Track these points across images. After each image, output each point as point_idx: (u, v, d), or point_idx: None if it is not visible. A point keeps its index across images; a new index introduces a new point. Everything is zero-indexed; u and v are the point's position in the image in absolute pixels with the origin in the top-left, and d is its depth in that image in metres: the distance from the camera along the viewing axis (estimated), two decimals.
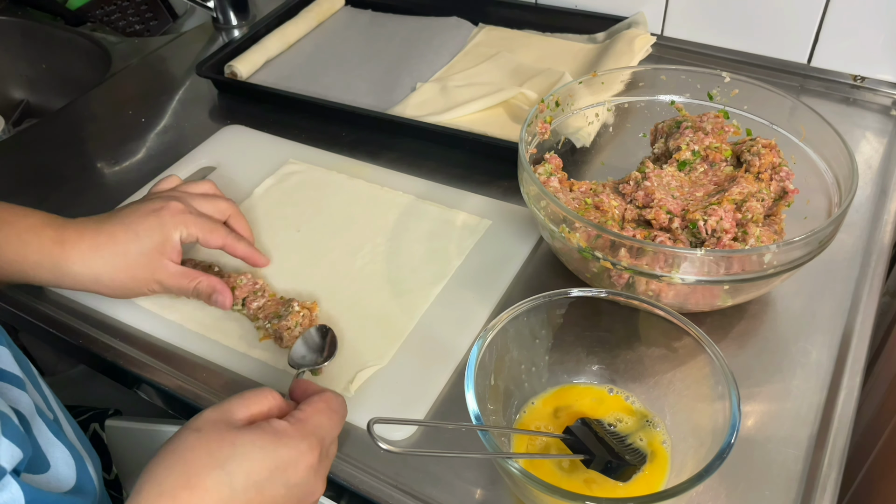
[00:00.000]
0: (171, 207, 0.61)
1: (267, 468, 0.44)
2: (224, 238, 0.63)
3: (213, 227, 0.62)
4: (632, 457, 0.51)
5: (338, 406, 0.49)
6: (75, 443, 0.54)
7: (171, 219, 0.60)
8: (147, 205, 0.61)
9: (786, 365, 0.60)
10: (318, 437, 0.46)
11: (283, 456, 0.44)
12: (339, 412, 0.49)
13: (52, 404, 0.55)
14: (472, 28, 1.05)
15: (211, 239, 0.62)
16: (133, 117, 0.96)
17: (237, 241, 0.64)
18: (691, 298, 0.60)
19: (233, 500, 0.42)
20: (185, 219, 0.61)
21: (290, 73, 0.98)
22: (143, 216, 0.60)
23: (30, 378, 0.53)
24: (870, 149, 0.80)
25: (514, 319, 0.53)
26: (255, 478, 0.43)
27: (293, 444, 0.45)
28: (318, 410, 0.48)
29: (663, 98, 0.75)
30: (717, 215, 0.60)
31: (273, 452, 0.44)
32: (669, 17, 0.97)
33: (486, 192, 0.78)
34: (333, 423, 0.48)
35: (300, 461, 0.45)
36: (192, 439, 0.44)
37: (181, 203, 0.62)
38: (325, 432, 0.47)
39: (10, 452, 0.42)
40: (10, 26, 1.24)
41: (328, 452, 0.48)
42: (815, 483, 0.52)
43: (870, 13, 0.84)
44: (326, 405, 0.48)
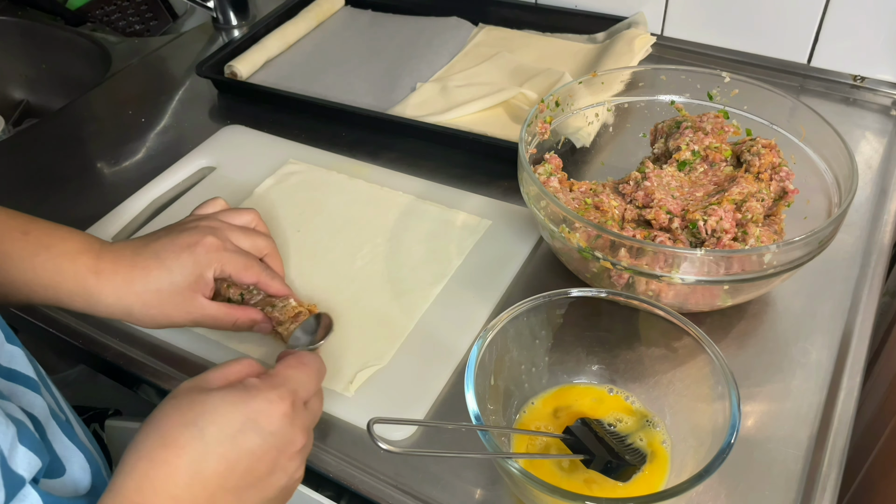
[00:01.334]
0: (206, 244, 0.59)
1: (238, 420, 0.44)
2: (258, 276, 0.62)
3: (247, 265, 0.61)
4: (632, 457, 0.51)
5: (309, 360, 0.50)
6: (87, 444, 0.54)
7: (205, 256, 0.59)
8: (183, 237, 0.60)
9: (786, 365, 0.60)
10: (289, 387, 0.47)
11: (254, 407, 0.45)
12: (312, 365, 0.49)
13: (62, 406, 0.55)
14: (472, 28, 1.05)
15: (245, 277, 0.61)
16: (133, 117, 0.96)
17: (271, 280, 0.63)
18: (691, 298, 0.60)
19: (207, 454, 0.43)
20: (219, 256, 0.60)
21: (289, 74, 0.98)
22: (178, 252, 0.59)
23: (41, 379, 0.53)
24: (870, 149, 0.80)
25: (514, 319, 0.53)
26: (227, 430, 0.44)
27: (263, 395, 0.45)
28: (288, 365, 0.49)
29: (663, 98, 0.75)
30: (716, 215, 0.60)
31: (243, 405, 0.45)
32: (669, 17, 0.97)
33: (486, 192, 0.78)
34: (305, 375, 0.48)
35: (272, 410, 0.45)
36: (167, 406, 0.45)
37: (217, 238, 0.60)
38: (297, 383, 0.47)
39: (28, 460, 0.42)
40: (10, 26, 1.24)
41: (307, 405, 0.49)
42: (815, 483, 0.52)
43: (870, 13, 0.84)
44: (297, 360, 0.49)
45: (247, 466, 0.44)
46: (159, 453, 0.43)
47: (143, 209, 0.80)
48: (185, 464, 0.42)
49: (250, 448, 0.44)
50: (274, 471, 0.46)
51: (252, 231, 0.65)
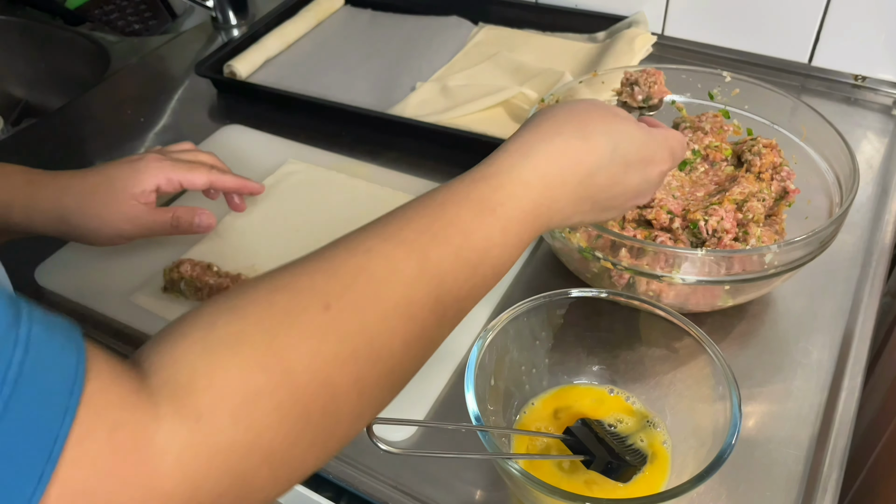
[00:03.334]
0: (147, 157, 0.61)
1: (637, 154, 0.47)
2: (208, 174, 0.62)
3: (192, 167, 0.62)
4: (632, 457, 0.51)
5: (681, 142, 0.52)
6: None
7: (146, 166, 0.60)
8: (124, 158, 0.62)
9: (787, 365, 0.60)
10: (672, 152, 0.50)
11: (652, 150, 0.48)
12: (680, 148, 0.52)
13: None
14: (472, 27, 1.05)
15: (194, 177, 0.61)
16: (132, 117, 0.96)
17: (223, 174, 0.63)
18: (692, 299, 0.60)
19: (608, 166, 0.45)
20: (161, 165, 0.60)
21: (289, 73, 0.98)
22: (119, 165, 0.60)
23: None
24: (871, 148, 0.80)
25: (514, 320, 0.53)
26: (626, 156, 0.46)
27: (658, 144, 0.49)
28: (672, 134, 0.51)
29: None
30: (717, 215, 0.60)
31: (646, 143, 0.48)
32: (670, 16, 0.97)
33: None
34: (678, 151, 0.51)
35: (660, 163, 0.49)
36: (585, 105, 0.48)
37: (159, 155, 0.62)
38: (677, 151, 0.51)
39: None
40: (9, 26, 1.24)
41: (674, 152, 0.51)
42: (816, 484, 0.52)
43: (870, 13, 0.84)
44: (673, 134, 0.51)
45: (629, 150, 0.47)
46: (576, 143, 0.45)
47: None
48: (588, 163, 0.45)
49: (628, 181, 0.47)
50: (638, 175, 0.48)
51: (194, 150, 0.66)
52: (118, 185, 0.58)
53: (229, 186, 0.64)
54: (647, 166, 0.48)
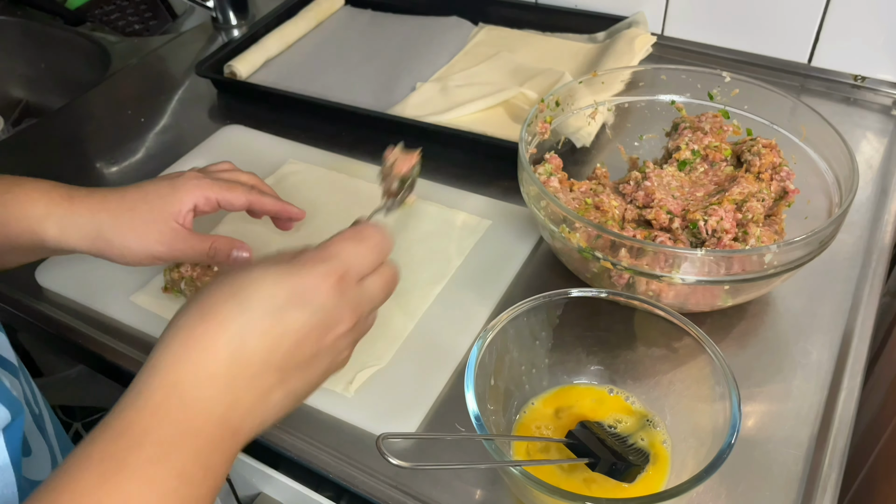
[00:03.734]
0: (186, 175, 0.60)
1: (282, 294, 0.40)
2: (247, 195, 0.59)
3: (231, 186, 0.60)
4: (635, 457, 0.51)
5: (370, 234, 0.45)
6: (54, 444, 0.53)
7: (184, 184, 0.58)
8: (162, 176, 0.61)
9: (786, 365, 0.60)
10: (340, 260, 0.42)
11: (299, 280, 0.41)
12: (371, 239, 0.45)
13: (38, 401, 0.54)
14: (472, 28, 1.05)
15: (233, 198, 0.59)
16: (132, 117, 0.96)
17: (263, 196, 0.60)
18: (691, 298, 0.60)
19: (249, 329, 0.39)
20: (200, 183, 0.59)
21: (289, 73, 0.98)
22: (157, 182, 0.59)
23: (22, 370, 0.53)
24: (870, 149, 0.80)
25: (514, 320, 0.53)
26: (270, 303, 0.40)
27: (310, 268, 0.41)
28: (342, 238, 0.44)
29: (663, 98, 0.74)
30: (717, 215, 0.60)
31: (288, 277, 0.41)
32: (670, 16, 0.97)
33: (486, 192, 0.78)
34: (361, 250, 0.44)
35: (320, 284, 0.41)
36: (211, 283, 0.42)
37: (198, 173, 0.60)
38: (350, 257, 0.43)
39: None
40: (10, 26, 1.24)
41: (362, 283, 0.44)
42: (816, 484, 0.52)
43: (870, 13, 0.84)
44: (354, 233, 0.44)
45: (291, 344, 0.40)
46: (199, 327, 0.39)
47: None
48: (226, 339, 0.39)
49: (295, 325, 0.40)
50: (319, 351, 0.42)
51: (234, 170, 0.64)
52: (156, 203, 0.57)
53: (269, 209, 0.61)
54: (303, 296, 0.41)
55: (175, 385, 0.38)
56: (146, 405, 0.37)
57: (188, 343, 0.39)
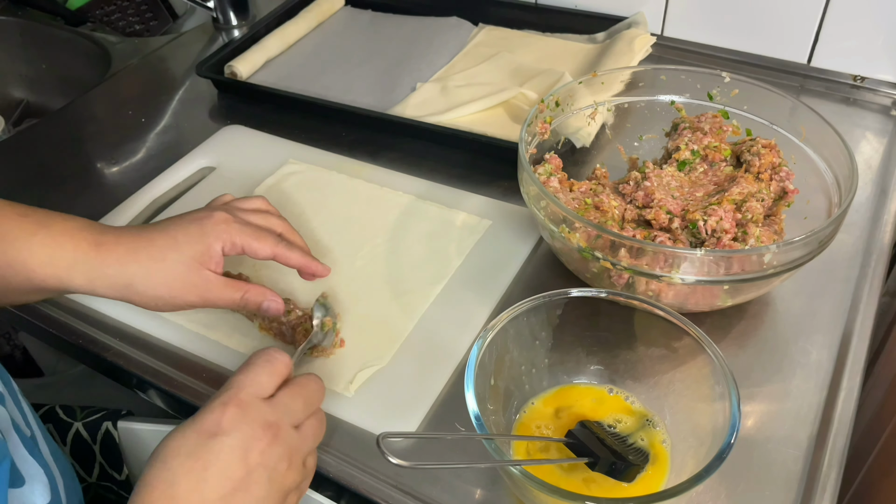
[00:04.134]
0: (215, 217, 0.57)
1: (191, 437, 0.44)
2: (274, 247, 0.58)
3: (259, 236, 0.58)
4: (635, 457, 0.51)
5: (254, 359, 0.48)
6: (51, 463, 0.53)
7: (213, 228, 0.57)
8: (191, 214, 0.59)
9: (786, 365, 0.60)
10: (233, 388, 0.46)
11: (200, 421, 0.44)
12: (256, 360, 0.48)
13: (30, 421, 0.54)
14: (472, 28, 1.05)
15: (259, 248, 0.58)
16: (133, 117, 0.96)
17: (289, 250, 0.59)
18: (691, 298, 0.60)
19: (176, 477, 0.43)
20: (229, 228, 0.57)
21: (290, 73, 0.98)
22: (185, 225, 0.57)
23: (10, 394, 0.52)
24: (870, 149, 0.80)
25: (514, 319, 0.53)
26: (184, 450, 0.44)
27: (207, 408, 0.45)
28: (235, 372, 0.48)
29: (663, 98, 0.75)
30: (717, 215, 0.60)
31: (191, 423, 0.44)
32: (669, 17, 0.97)
33: (486, 192, 0.78)
34: (252, 374, 0.47)
35: (218, 416, 0.44)
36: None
37: (228, 214, 0.58)
38: (242, 385, 0.46)
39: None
40: (10, 26, 1.24)
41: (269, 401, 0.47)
42: (815, 483, 0.52)
43: (870, 13, 0.84)
44: (245, 363, 0.48)
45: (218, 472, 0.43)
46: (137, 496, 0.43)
47: (143, 209, 0.80)
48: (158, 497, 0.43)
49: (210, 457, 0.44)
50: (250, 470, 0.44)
51: (264, 212, 0.62)
52: (186, 252, 0.55)
53: (293, 264, 0.61)
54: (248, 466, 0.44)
55: None
56: None
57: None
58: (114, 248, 0.55)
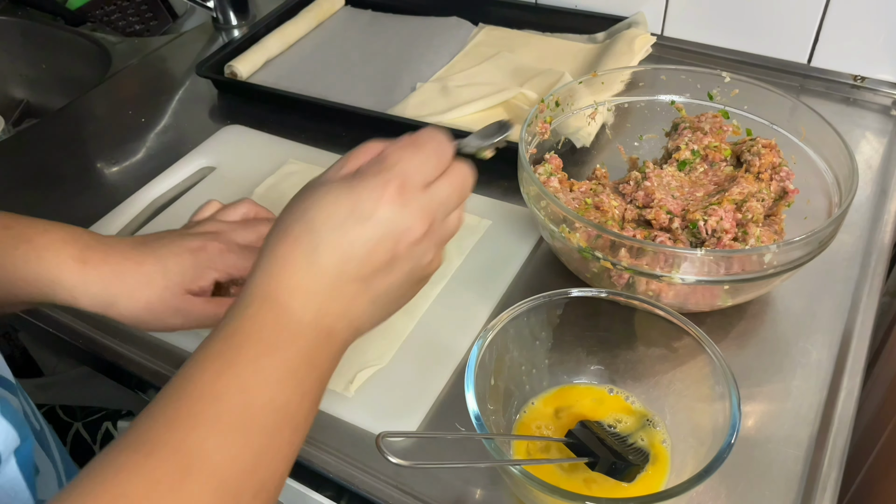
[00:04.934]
0: (210, 249, 0.56)
1: (343, 209, 0.42)
2: None
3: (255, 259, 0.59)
4: (635, 457, 0.51)
5: (425, 140, 0.45)
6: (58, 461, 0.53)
7: (207, 260, 0.56)
8: (186, 241, 0.56)
9: (786, 365, 0.60)
10: (397, 170, 0.43)
11: (356, 195, 0.43)
12: (428, 145, 0.45)
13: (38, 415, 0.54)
14: (472, 28, 1.05)
15: None
16: (133, 117, 0.96)
17: None
18: (691, 298, 0.60)
19: (318, 245, 0.42)
20: (224, 260, 0.56)
21: (290, 73, 0.98)
22: (180, 253, 0.55)
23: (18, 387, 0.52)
24: (870, 149, 0.80)
25: (514, 319, 0.53)
26: (333, 220, 0.42)
27: (367, 181, 0.43)
28: (398, 146, 0.45)
29: (663, 98, 0.75)
30: (717, 215, 0.60)
31: (346, 193, 0.43)
32: (669, 17, 0.97)
33: (486, 192, 0.78)
34: (420, 156, 0.44)
35: (378, 197, 0.42)
36: (289, 204, 0.46)
37: (220, 243, 0.57)
38: (407, 166, 0.44)
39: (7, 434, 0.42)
40: (10, 26, 1.24)
41: (430, 189, 0.44)
42: (816, 483, 0.52)
43: (870, 13, 0.84)
44: (410, 140, 0.45)
45: (362, 255, 0.43)
46: (279, 247, 0.43)
47: (143, 209, 0.80)
48: (301, 255, 0.42)
49: (360, 238, 0.42)
50: (395, 258, 0.44)
51: (252, 222, 0.61)
52: (174, 280, 0.54)
53: None
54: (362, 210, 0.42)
55: (266, 297, 0.42)
56: (246, 314, 0.42)
57: (272, 260, 0.43)
58: (99, 267, 0.54)
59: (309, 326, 0.42)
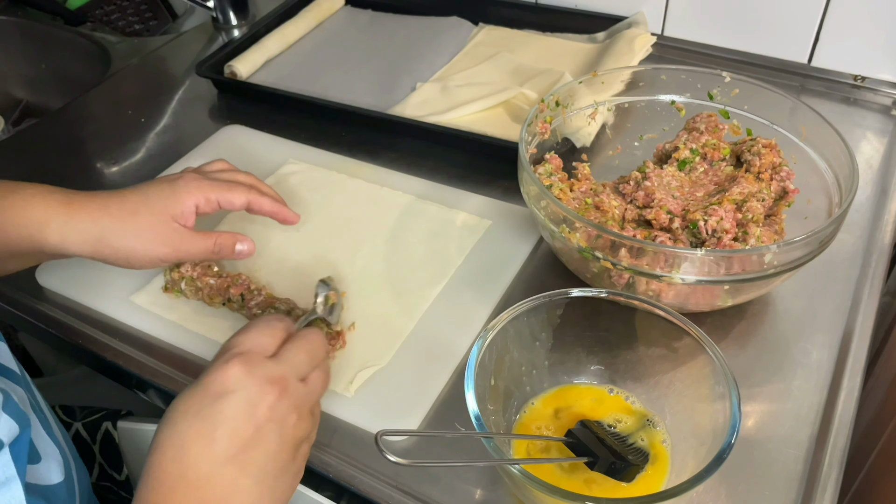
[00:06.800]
0: (185, 177, 0.60)
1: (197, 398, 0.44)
2: (246, 194, 0.60)
3: (231, 187, 0.60)
4: (634, 457, 0.51)
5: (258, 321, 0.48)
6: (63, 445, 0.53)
7: (184, 185, 0.59)
8: (162, 177, 0.61)
9: (786, 365, 0.60)
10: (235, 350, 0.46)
11: (205, 381, 0.44)
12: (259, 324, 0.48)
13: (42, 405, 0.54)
14: (472, 28, 1.05)
15: (233, 197, 0.60)
16: (133, 117, 0.96)
17: (261, 196, 0.61)
18: (691, 298, 0.60)
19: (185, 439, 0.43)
20: (200, 184, 0.59)
21: (289, 73, 0.98)
22: (157, 184, 0.59)
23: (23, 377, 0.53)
24: (870, 149, 0.80)
25: (514, 319, 0.53)
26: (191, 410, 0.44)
27: (211, 368, 0.45)
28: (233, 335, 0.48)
29: (663, 98, 0.75)
30: (717, 215, 0.60)
31: (196, 385, 0.44)
32: (669, 16, 0.97)
33: (486, 192, 0.78)
34: (253, 333, 0.47)
35: (222, 374, 0.44)
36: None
37: (197, 174, 0.61)
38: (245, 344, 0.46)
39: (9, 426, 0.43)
40: (10, 26, 1.24)
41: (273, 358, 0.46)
42: (816, 483, 0.52)
43: (870, 13, 0.84)
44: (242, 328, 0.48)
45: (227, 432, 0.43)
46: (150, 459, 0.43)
47: None
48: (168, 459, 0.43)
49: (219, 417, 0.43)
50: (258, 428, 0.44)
51: (231, 169, 0.64)
52: (157, 206, 0.57)
53: (266, 210, 0.62)
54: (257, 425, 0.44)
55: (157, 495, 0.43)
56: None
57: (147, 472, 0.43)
58: (85, 205, 0.56)
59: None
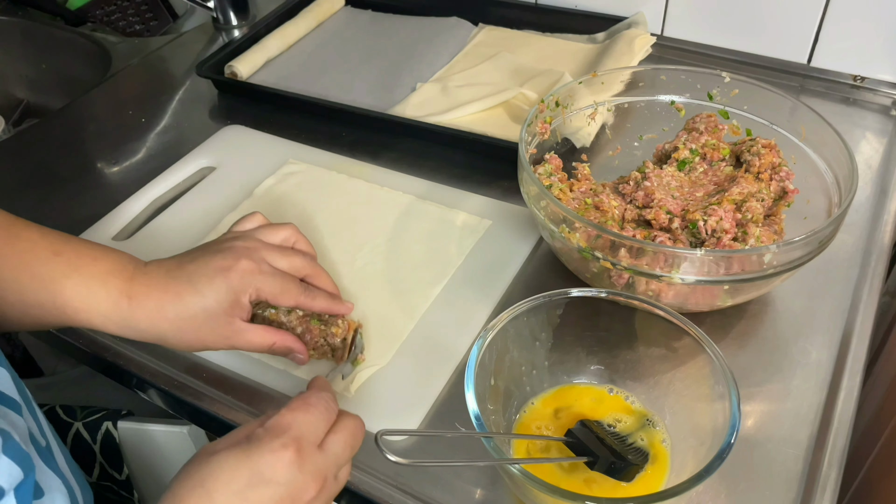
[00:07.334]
0: (240, 269, 0.57)
1: (243, 476, 0.44)
2: (296, 299, 0.59)
3: (284, 288, 0.59)
4: (634, 456, 0.51)
5: (314, 401, 0.48)
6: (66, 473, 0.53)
7: (239, 281, 0.57)
8: (217, 260, 0.57)
9: (786, 365, 0.60)
10: (293, 433, 0.46)
11: (257, 460, 0.44)
12: (317, 406, 0.48)
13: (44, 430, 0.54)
14: (472, 28, 1.05)
15: (282, 300, 0.59)
16: (133, 117, 0.96)
17: (312, 301, 0.60)
18: (691, 298, 0.60)
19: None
20: (254, 280, 0.57)
21: (290, 73, 0.98)
22: (211, 276, 0.56)
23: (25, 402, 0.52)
24: (870, 149, 0.80)
25: (514, 319, 0.53)
26: (233, 487, 0.43)
27: (265, 446, 0.45)
28: (291, 409, 0.47)
29: (663, 98, 0.75)
30: (717, 215, 0.60)
31: (246, 459, 0.44)
32: (669, 17, 0.97)
33: (486, 192, 0.78)
34: (311, 417, 0.47)
35: (276, 461, 0.44)
36: (181, 471, 0.46)
37: (251, 261, 0.58)
38: (302, 427, 0.46)
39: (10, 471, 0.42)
40: (10, 26, 1.24)
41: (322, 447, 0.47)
42: (815, 483, 0.52)
43: (870, 13, 0.84)
44: (302, 402, 0.48)
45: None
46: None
47: (143, 209, 0.80)
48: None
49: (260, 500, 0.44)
50: None
51: (290, 250, 0.61)
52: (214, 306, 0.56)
53: (317, 310, 0.61)
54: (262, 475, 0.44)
55: None
56: None
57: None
58: (144, 303, 0.56)
59: None
